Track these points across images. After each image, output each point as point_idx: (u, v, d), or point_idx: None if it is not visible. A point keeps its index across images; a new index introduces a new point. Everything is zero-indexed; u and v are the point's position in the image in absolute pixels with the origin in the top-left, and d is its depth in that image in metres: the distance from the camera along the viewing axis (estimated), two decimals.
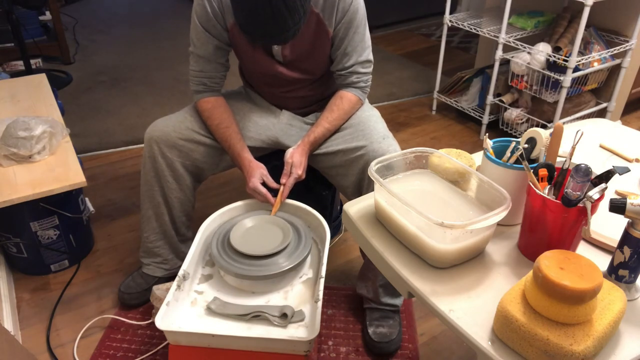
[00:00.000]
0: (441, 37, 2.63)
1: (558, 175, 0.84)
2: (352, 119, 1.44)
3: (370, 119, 1.42)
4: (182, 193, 1.47)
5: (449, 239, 0.82)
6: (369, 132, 1.38)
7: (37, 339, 1.51)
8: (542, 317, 0.69)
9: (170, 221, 1.51)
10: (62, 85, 3.08)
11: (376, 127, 1.39)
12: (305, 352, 1.06)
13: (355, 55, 1.36)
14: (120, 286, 1.61)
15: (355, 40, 1.35)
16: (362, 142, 1.36)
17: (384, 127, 1.42)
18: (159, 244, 1.55)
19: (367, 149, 1.35)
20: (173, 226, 1.53)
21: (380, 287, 1.46)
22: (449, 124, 2.73)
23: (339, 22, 1.31)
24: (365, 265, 1.50)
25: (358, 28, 1.33)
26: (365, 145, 1.35)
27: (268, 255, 1.17)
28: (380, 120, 1.44)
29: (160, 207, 1.48)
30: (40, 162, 1.58)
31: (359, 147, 1.36)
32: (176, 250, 1.59)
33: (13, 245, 1.65)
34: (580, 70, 2.17)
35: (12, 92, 1.96)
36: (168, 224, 1.51)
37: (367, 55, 1.39)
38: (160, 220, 1.50)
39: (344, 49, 1.36)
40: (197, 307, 1.14)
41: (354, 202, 1.03)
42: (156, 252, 1.56)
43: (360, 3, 1.32)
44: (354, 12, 1.31)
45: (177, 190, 1.46)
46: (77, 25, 4.08)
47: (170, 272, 1.61)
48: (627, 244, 0.77)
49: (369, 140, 1.36)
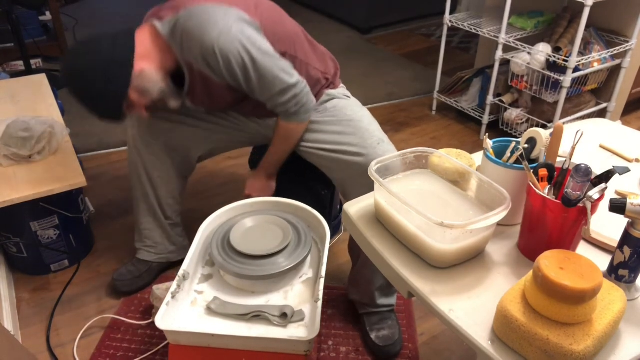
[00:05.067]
0: (441, 37, 2.63)
1: (558, 175, 0.84)
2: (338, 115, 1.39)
3: (363, 119, 1.40)
4: (164, 172, 1.52)
5: (449, 239, 0.82)
6: (362, 134, 1.35)
7: (37, 339, 1.51)
8: (542, 317, 0.69)
9: (157, 203, 1.57)
10: (62, 85, 3.07)
11: (369, 129, 1.37)
12: (305, 352, 1.06)
13: (265, 94, 1.28)
14: (113, 274, 1.66)
15: (256, 85, 1.26)
16: (357, 146, 1.34)
17: (378, 129, 1.40)
18: (149, 227, 1.61)
19: (366, 158, 1.32)
20: (160, 208, 1.58)
21: (376, 290, 1.46)
22: (449, 124, 2.73)
23: (227, 77, 1.24)
24: (355, 270, 1.49)
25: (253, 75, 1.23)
26: (361, 153, 1.33)
27: (268, 255, 1.17)
28: (373, 122, 1.42)
29: (145, 187, 1.54)
30: (40, 162, 1.58)
31: (354, 152, 1.34)
32: (167, 234, 1.63)
33: (13, 245, 1.65)
34: (580, 70, 2.17)
35: (12, 92, 1.96)
36: (155, 206, 1.57)
37: (280, 85, 1.26)
38: (147, 202, 1.56)
39: (251, 92, 1.29)
40: (197, 307, 1.14)
41: (354, 202, 1.03)
42: (146, 234, 1.62)
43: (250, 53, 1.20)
44: (241, 68, 1.21)
45: (159, 169, 1.51)
46: (77, 25, 4.07)
47: (160, 257, 1.66)
48: (627, 244, 0.77)
49: (364, 145, 1.33)
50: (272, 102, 1.30)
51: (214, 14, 1.18)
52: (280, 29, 1.31)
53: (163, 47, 1.25)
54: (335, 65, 1.49)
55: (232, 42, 1.17)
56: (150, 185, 1.54)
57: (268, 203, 1.37)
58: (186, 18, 1.19)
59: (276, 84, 1.25)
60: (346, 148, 1.35)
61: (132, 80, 1.22)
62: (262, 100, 1.31)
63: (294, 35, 1.34)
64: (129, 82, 1.21)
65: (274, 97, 1.28)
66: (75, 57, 1.21)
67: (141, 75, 1.23)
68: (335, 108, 1.41)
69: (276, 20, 1.31)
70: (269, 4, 1.35)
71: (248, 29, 1.20)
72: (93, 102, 1.24)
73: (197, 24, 1.18)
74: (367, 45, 3.76)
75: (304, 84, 1.30)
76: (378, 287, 1.45)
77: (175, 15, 1.21)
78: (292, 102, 1.29)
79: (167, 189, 1.55)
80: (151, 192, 1.55)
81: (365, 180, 1.30)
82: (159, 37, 1.24)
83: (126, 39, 1.22)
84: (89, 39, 1.22)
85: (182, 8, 1.21)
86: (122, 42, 1.21)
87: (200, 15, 1.18)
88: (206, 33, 1.17)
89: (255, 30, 1.22)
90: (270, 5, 1.35)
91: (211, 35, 1.16)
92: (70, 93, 1.24)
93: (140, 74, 1.23)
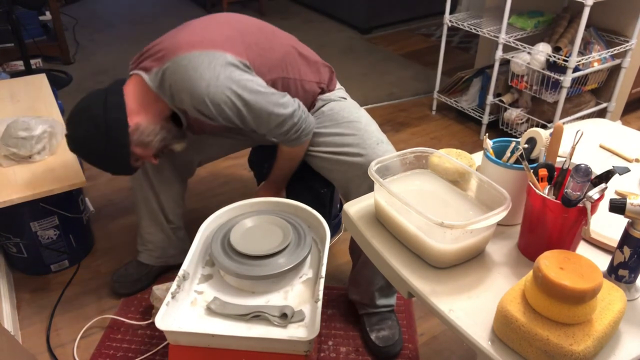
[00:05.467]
0: (441, 37, 2.63)
1: (558, 175, 0.84)
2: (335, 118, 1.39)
3: (361, 120, 1.39)
4: (164, 177, 1.52)
5: (448, 239, 0.82)
6: (361, 134, 1.35)
7: (37, 339, 1.51)
8: (542, 317, 0.69)
9: (158, 207, 1.56)
10: (62, 85, 3.08)
11: (368, 130, 1.36)
12: (305, 352, 1.06)
13: (262, 129, 1.29)
14: (113, 275, 1.66)
15: (253, 124, 1.26)
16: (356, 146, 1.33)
17: (377, 130, 1.39)
18: (151, 231, 1.60)
19: (365, 158, 1.32)
20: (162, 212, 1.58)
21: (376, 291, 1.46)
22: (449, 124, 2.73)
23: (223, 122, 1.25)
24: (356, 271, 1.49)
25: (248, 116, 1.24)
26: (361, 154, 1.33)
27: (268, 255, 1.17)
28: (371, 122, 1.41)
29: (146, 192, 1.54)
30: (40, 162, 1.58)
31: (354, 153, 1.33)
32: (168, 239, 1.63)
33: (13, 245, 1.65)
34: (580, 70, 2.17)
35: (12, 92, 1.96)
36: (156, 210, 1.56)
37: (277, 120, 1.26)
38: (148, 206, 1.56)
39: (249, 129, 1.30)
40: (197, 307, 1.14)
41: (354, 202, 1.03)
42: (147, 238, 1.62)
43: (242, 97, 1.20)
44: (235, 113, 1.22)
45: (159, 173, 1.51)
46: (77, 25, 4.07)
47: (161, 261, 1.66)
48: (627, 244, 0.77)
49: (363, 146, 1.33)
50: (272, 134, 1.31)
51: (200, 65, 1.16)
52: (269, 55, 1.30)
53: (154, 98, 1.25)
54: (330, 69, 1.48)
55: (222, 91, 1.17)
56: (151, 190, 1.53)
57: (268, 203, 1.37)
58: (172, 71, 1.18)
59: (272, 119, 1.26)
60: (346, 149, 1.34)
61: (131, 137, 1.24)
62: (261, 133, 1.31)
63: (284, 56, 1.34)
64: (127, 140, 1.23)
65: (272, 130, 1.29)
66: (73, 128, 1.24)
67: (138, 130, 1.25)
68: (332, 111, 1.41)
69: (264, 46, 1.30)
70: (255, 26, 1.33)
71: (235, 71, 1.19)
72: (101, 165, 1.27)
73: (184, 78, 1.17)
74: (367, 45, 3.76)
75: (300, 110, 1.30)
76: (378, 288, 1.45)
77: (160, 66, 1.20)
78: (291, 131, 1.30)
79: (168, 193, 1.55)
80: (152, 197, 1.54)
81: (366, 181, 1.31)
82: (148, 90, 1.24)
83: (116, 98, 1.22)
84: (81, 107, 1.24)
85: (166, 59, 1.20)
86: (112, 103, 1.22)
87: (187, 67, 1.17)
88: (195, 86, 1.16)
89: (244, 70, 1.22)
90: (256, 28, 1.33)
91: (200, 87, 1.16)
92: (80, 158, 1.33)
93: (137, 129, 1.25)
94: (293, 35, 1.43)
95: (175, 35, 1.24)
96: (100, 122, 1.20)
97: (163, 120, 1.30)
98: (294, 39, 1.42)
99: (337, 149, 1.36)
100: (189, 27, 1.26)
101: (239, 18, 1.34)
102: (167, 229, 1.60)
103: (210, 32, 1.23)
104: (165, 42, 1.23)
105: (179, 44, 1.20)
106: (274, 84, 1.32)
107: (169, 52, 1.20)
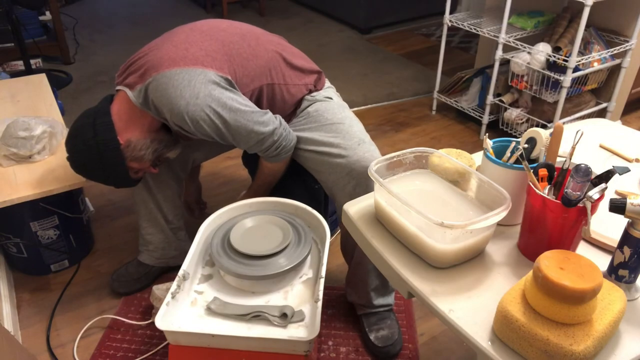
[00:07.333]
0: (441, 37, 2.63)
1: (558, 175, 0.84)
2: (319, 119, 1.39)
3: (344, 121, 1.38)
4: (160, 176, 1.53)
5: (448, 239, 0.82)
6: (342, 136, 1.34)
7: (37, 339, 1.51)
8: (542, 317, 0.69)
9: (156, 208, 1.57)
10: (62, 85, 3.08)
11: (350, 132, 1.36)
12: (305, 352, 1.06)
13: (242, 145, 1.32)
14: (112, 274, 1.66)
15: (232, 140, 1.28)
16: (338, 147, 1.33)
17: (360, 130, 1.38)
18: (150, 231, 1.61)
19: (347, 159, 1.31)
20: (160, 212, 1.58)
21: (372, 291, 1.46)
22: (449, 124, 2.73)
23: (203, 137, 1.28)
24: (351, 272, 1.49)
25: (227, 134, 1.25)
26: (342, 154, 1.32)
27: (268, 255, 1.17)
28: (355, 123, 1.40)
29: (143, 193, 1.54)
30: (40, 162, 1.58)
31: (336, 154, 1.33)
32: (168, 239, 1.63)
33: (13, 245, 1.65)
34: (580, 70, 2.17)
35: (12, 92, 1.96)
36: (155, 210, 1.57)
37: (256, 137, 1.28)
38: (147, 207, 1.57)
39: (229, 144, 1.33)
40: (197, 307, 1.14)
41: (354, 202, 1.03)
42: (148, 239, 1.63)
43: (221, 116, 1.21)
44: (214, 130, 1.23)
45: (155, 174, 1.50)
46: (77, 25, 4.08)
47: (161, 262, 1.67)
48: (627, 244, 0.77)
49: (344, 147, 1.33)
50: (252, 150, 1.33)
51: (180, 83, 1.18)
52: (252, 64, 1.31)
53: (140, 113, 1.29)
54: (317, 70, 1.47)
55: (201, 108, 1.19)
56: (147, 191, 1.54)
57: (268, 203, 1.37)
58: (153, 89, 1.21)
59: (252, 137, 1.28)
60: (328, 149, 1.34)
61: (124, 153, 1.28)
62: (242, 148, 1.34)
63: (268, 63, 1.34)
64: (122, 157, 1.28)
65: (252, 147, 1.32)
66: (70, 153, 1.29)
67: (129, 146, 1.30)
68: (317, 112, 1.41)
69: (247, 55, 1.31)
70: (238, 34, 1.33)
71: (216, 89, 1.21)
72: (104, 182, 1.34)
73: (164, 95, 1.19)
74: (367, 45, 3.76)
75: (281, 128, 1.32)
76: (373, 288, 1.45)
77: (143, 83, 1.23)
78: (271, 148, 1.32)
79: (165, 193, 1.55)
80: (149, 198, 1.55)
81: (350, 182, 1.31)
82: (134, 106, 1.27)
83: (103, 119, 1.26)
84: (72, 133, 1.28)
85: (148, 76, 1.22)
86: (101, 125, 1.25)
87: (167, 85, 1.19)
88: (174, 104, 1.19)
89: (224, 88, 1.23)
90: (239, 37, 1.33)
91: (179, 106, 1.19)
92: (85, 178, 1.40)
93: (129, 146, 1.29)
94: (291, 35, 1.44)
95: (160, 48, 1.25)
96: (92, 145, 1.25)
97: (153, 132, 1.33)
98: (281, 42, 1.42)
99: (320, 148, 1.36)
100: (173, 39, 1.27)
101: (222, 26, 1.34)
102: (166, 229, 1.60)
103: (192, 45, 1.24)
104: (149, 55, 1.25)
105: (161, 60, 1.22)
106: (260, 92, 1.34)
107: (151, 68, 1.22)
